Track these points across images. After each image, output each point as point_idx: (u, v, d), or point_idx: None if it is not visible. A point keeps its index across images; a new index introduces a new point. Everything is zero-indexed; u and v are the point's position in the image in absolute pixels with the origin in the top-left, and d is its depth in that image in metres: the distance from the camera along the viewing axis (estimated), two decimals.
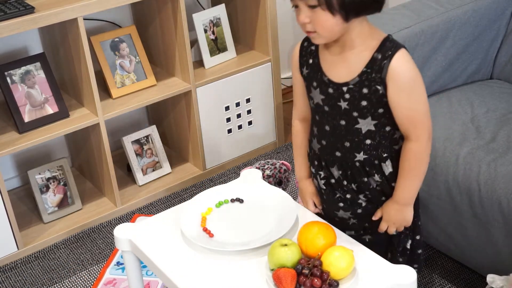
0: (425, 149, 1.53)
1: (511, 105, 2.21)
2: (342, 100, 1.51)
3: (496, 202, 1.86)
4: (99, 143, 2.57)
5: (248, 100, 2.90)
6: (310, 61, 1.57)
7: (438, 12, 2.33)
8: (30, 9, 2.22)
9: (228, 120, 2.88)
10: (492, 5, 2.40)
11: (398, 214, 1.60)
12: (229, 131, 2.91)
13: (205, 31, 2.80)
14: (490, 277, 1.85)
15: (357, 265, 1.44)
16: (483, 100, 2.25)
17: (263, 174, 2.50)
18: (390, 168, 1.57)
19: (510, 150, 1.96)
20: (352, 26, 1.45)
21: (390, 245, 1.69)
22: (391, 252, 1.69)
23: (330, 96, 1.53)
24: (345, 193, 1.61)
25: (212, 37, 2.83)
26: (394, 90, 1.46)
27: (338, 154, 1.57)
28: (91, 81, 2.43)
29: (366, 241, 1.67)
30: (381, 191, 1.60)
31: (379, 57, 1.46)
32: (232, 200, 1.71)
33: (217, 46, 2.85)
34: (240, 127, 2.93)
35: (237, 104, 2.87)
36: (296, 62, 1.62)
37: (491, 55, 2.46)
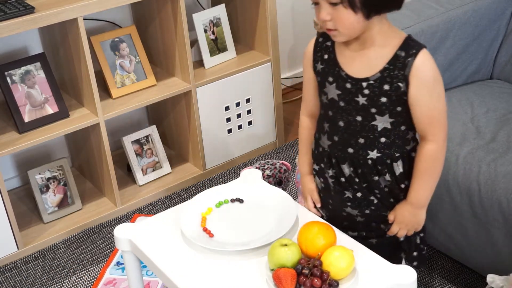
0: (442, 150, 1.54)
1: (511, 105, 2.21)
2: (361, 96, 1.51)
3: (496, 202, 1.86)
4: (99, 143, 2.57)
5: (248, 100, 2.90)
6: (326, 57, 1.57)
7: (438, 12, 2.34)
8: (30, 9, 2.22)
9: (228, 120, 2.88)
10: (492, 5, 2.40)
11: (412, 217, 1.60)
12: (229, 131, 2.91)
13: (205, 31, 2.80)
14: (490, 277, 1.85)
15: (357, 265, 1.44)
16: (483, 100, 2.25)
17: (263, 174, 2.50)
18: (401, 169, 1.56)
19: (510, 150, 1.96)
20: (373, 24, 1.46)
21: (397, 248, 1.68)
22: (405, 252, 1.69)
23: (347, 91, 1.52)
24: (356, 192, 1.60)
25: (212, 37, 2.83)
26: (417, 88, 1.47)
27: (351, 151, 1.56)
28: (91, 81, 2.43)
29: (373, 244, 1.67)
30: (390, 192, 1.59)
31: (403, 55, 1.47)
32: (232, 200, 1.71)
33: (217, 46, 2.85)
34: (240, 127, 2.93)
35: (237, 104, 2.87)
36: (310, 58, 1.61)
37: (491, 55, 2.46)
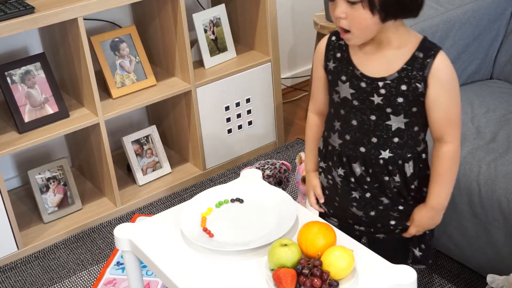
0: (459, 150, 1.54)
1: (511, 105, 2.21)
2: (376, 95, 1.50)
3: (496, 202, 1.86)
4: (99, 143, 2.57)
5: (248, 100, 2.90)
6: (339, 55, 1.56)
7: (438, 12, 2.34)
8: (30, 9, 2.22)
9: (228, 120, 2.88)
10: (492, 5, 2.40)
11: (431, 220, 1.60)
12: (229, 131, 2.91)
13: (205, 31, 2.80)
14: (490, 277, 1.85)
15: (357, 265, 1.44)
16: (483, 100, 2.25)
17: (263, 174, 2.50)
18: (411, 169, 1.56)
19: (510, 150, 1.96)
20: (387, 26, 1.46)
21: (405, 242, 1.68)
22: (414, 245, 1.69)
23: (362, 90, 1.52)
24: (365, 192, 1.60)
25: (212, 37, 2.83)
26: (436, 89, 1.47)
27: (363, 150, 1.56)
28: (91, 81, 2.43)
29: (380, 238, 1.67)
30: (398, 193, 1.59)
31: (421, 56, 1.47)
32: (232, 200, 1.71)
33: (217, 46, 2.85)
34: (240, 127, 2.93)
35: (237, 104, 2.88)
36: (321, 56, 1.60)
37: (491, 55, 2.46)
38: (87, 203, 2.71)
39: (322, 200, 1.73)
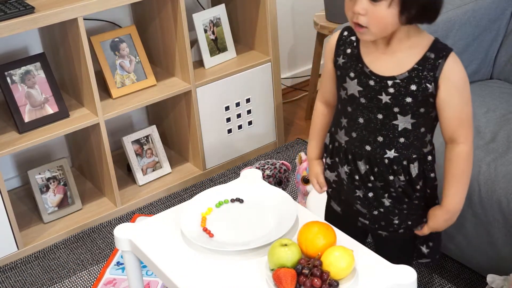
0: (471, 150, 1.54)
1: (511, 105, 2.21)
2: (384, 94, 1.50)
3: (496, 202, 1.86)
4: (99, 143, 2.57)
5: (248, 100, 2.90)
6: (349, 51, 1.56)
7: None
8: (30, 9, 2.22)
9: (228, 120, 2.88)
10: (492, 5, 2.40)
11: (446, 222, 1.60)
12: (229, 131, 2.91)
13: (205, 31, 2.80)
14: (490, 277, 1.85)
15: (357, 265, 1.44)
16: (483, 100, 2.25)
17: (263, 174, 2.50)
18: (416, 170, 1.56)
19: (510, 150, 1.96)
20: (401, 26, 1.45)
21: (412, 239, 1.68)
22: (421, 242, 1.68)
23: (370, 88, 1.51)
24: (368, 191, 1.60)
25: (212, 37, 2.83)
26: (447, 91, 1.47)
27: (368, 148, 1.56)
28: (91, 81, 2.43)
29: (382, 237, 1.67)
30: (403, 192, 1.59)
31: (432, 56, 1.46)
32: (232, 200, 1.71)
33: (217, 46, 2.85)
34: (240, 127, 2.93)
35: (237, 104, 2.88)
36: (331, 51, 1.60)
37: (491, 55, 2.46)
38: (87, 203, 2.71)
39: (325, 188, 1.74)
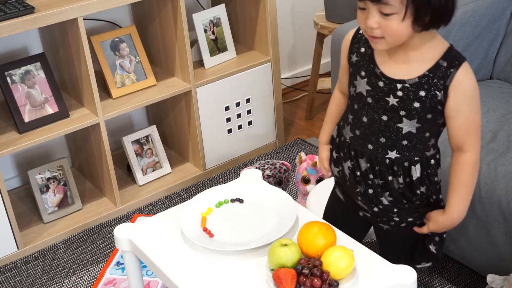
0: (478, 159, 1.55)
1: (511, 105, 2.21)
2: (392, 96, 1.50)
3: (496, 202, 1.86)
4: (99, 143, 2.57)
5: (248, 100, 2.90)
6: (362, 50, 1.56)
7: None
8: (30, 9, 2.22)
9: (228, 120, 2.88)
10: (492, 5, 2.40)
11: (447, 227, 1.60)
12: (229, 131, 2.91)
13: (205, 31, 2.80)
14: (490, 277, 1.85)
15: (357, 265, 1.44)
16: (483, 100, 2.24)
17: (263, 174, 2.51)
18: (418, 173, 1.55)
19: (510, 150, 1.96)
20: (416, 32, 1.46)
21: (412, 242, 1.68)
22: (426, 238, 1.68)
23: (379, 89, 1.51)
24: (368, 188, 1.60)
25: (212, 37, 2.83)
26: (456, 100, 1.46)
27: (370, 147, 1.56)
28: (91, 81, 2.43)
29: (384, 230, 1.67)
30: (402, 194, 1.58)
31: (445, 65, 1.46)
32: (232, 200, 1.71)
33: (217, 46, 2.85)
34: (240, 127, 2.93)
35: (237, 104, 2.87)
36: (346, 48, 1.61)
37: (491, 55, 2.46)
38: (87, 203, 2.71)
39: (330, 174, 1.74)
